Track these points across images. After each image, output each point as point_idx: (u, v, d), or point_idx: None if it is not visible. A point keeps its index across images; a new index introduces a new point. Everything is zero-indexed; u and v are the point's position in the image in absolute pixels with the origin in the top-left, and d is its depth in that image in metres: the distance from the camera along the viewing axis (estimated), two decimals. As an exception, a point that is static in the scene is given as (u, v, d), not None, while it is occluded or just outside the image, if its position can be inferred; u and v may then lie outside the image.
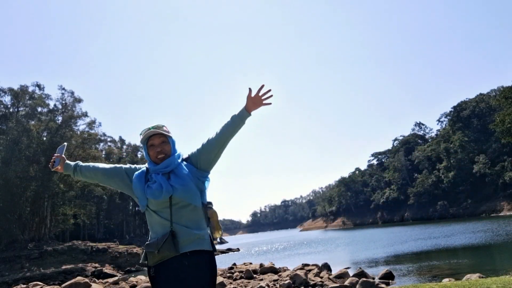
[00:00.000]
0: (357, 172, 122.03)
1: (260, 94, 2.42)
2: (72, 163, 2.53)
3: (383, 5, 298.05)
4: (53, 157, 2.52)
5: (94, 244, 38.39)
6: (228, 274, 16.22)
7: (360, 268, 13.84)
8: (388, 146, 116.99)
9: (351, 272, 14.12)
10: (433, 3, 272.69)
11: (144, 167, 2.41)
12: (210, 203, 2.40)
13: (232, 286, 13.46)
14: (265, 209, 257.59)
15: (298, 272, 13.30)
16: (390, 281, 13.33)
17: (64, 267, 29.52)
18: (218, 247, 59.93)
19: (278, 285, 12.73)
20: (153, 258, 2.18)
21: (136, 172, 2.36)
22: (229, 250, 48.39)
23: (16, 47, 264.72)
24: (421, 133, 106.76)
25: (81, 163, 2.53)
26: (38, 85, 42.60)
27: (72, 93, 43.88)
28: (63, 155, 2.53)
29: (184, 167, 2.33)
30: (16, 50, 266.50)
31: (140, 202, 2.28)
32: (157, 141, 2.34)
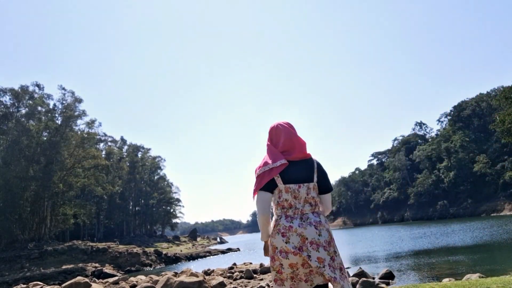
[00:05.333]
0: (357, 172, 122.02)
1: None
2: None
3: (383, 5, 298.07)
4: None
5: (94, 244, 38.42)
6: (228, 274, 16.19)
7: (360, 268, 13.83)
8: (388, 146, 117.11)
9: (351, 272, 14.10)
10: (433, 3, 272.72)
11: None
12: None
13: (232, 286, 13.44)
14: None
15: (298, 272, 13.27)
16: (390, 281, 13.31)
17: (64, 267, 29.51)
18: (218, 247, 60.00)
19: (278, 285, 12.70)
20: None
21: None
22: (229, 250, 48.37)
23: (16, 47, 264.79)
24: (421, 132, 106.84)
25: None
26: (38, 85, 42.63)
27: (73, 93, 43.98)
28: None
29: None
30: (16, 50, 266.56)
31: None
32: None
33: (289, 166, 2.28)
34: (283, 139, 2.36)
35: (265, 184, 2.25)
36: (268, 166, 2.27)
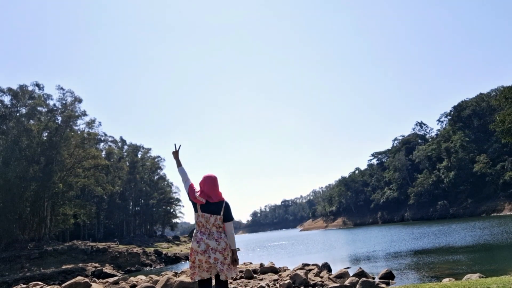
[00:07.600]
0: (357, 172, 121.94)
1: None
2: None
3: (383, 5, 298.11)
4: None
5: (94, 244, 38.35)
6: (228, 274, 16.12)
7: (360, 268, 13.82)
8: (388, 146, 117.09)
9: (351, 272, 14.09)
10: (434, 3, 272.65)
11: None
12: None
13: (232, 286, 13.42)
14: (265, 209, 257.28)
15: (298, 272, 13.27)
16: (390, 281, 13.30)
17: (64, 267, 29.49)
18: (218, 247, 59.90)
19: (278, 285, 12.69)
20: None
21: None
22: (229, 250, 48.21)
23: (15, 47, 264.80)
24: (421, 132, 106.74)
25: None
26: (38, 85, 42.45)
27: (72, 93, 43.88)
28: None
29: None
30: (16, 50, 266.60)
31: None
32: None
33: (206, 204, 3.77)
34: (206, 189, 3.81)
35: (192, 200, 3.84)
36: (196, 193, 3.84)
